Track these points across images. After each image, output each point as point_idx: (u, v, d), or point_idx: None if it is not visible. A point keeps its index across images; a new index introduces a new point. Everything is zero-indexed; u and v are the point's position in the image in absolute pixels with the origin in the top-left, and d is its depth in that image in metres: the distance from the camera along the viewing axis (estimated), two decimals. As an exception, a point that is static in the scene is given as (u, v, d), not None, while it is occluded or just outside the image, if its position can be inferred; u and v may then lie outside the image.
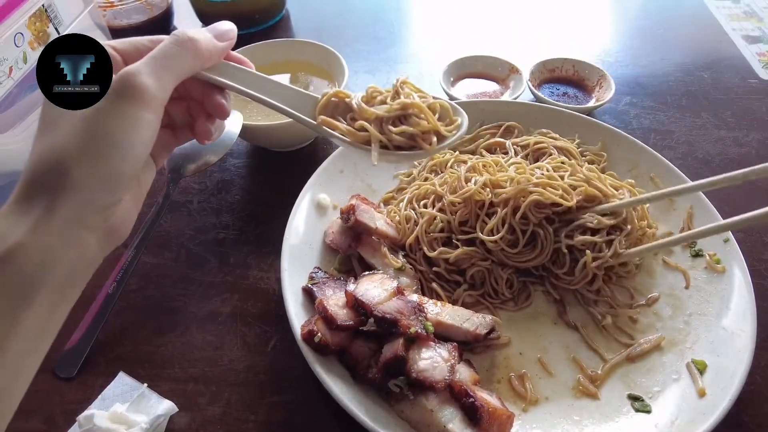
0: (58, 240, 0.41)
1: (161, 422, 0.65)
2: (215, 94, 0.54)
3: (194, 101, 0.55)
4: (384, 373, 0.63)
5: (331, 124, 0.58)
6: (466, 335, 0.69)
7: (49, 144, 0.42)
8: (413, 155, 0.60)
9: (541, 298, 0.77)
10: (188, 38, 0.48)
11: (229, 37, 0.53)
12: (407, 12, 1.49)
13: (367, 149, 0.58)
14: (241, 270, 0.83)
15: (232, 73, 0.54)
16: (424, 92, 0.62)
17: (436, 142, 0.59)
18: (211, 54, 0.50)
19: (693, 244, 0.81)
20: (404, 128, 0.58)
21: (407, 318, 0.65)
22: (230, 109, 0.55)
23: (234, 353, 0.73)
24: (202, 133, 0.55)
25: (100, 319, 0.73)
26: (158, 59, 0.45)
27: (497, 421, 0.60)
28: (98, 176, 0.42)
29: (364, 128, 0.58)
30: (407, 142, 0.59)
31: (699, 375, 0.67)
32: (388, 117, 0.59)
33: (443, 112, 0.62)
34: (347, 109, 0.60)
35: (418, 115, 0.59)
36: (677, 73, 1.20)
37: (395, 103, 0.59)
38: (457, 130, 0.61)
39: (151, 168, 0.53)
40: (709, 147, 1.03)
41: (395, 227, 0.82)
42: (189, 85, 0.52)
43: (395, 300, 0.67)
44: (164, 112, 0.46)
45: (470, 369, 0.67)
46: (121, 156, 0.43)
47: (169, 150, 0.57)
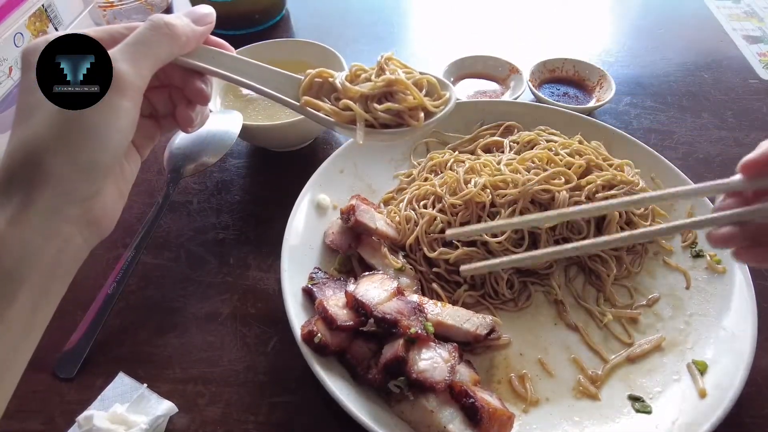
0: (37, 233, 0.40)
1: (161, 423, 0.65)
2: (195, 80, 0.53)
3: (175, 88, 0.54)
4: (384, 374, 0.63)
5: (314, 104, 0.57)
6: (466, 336, 0.69)
7: (24, 135, 0.41)
8: (400, 133, 0.58)
9: (541, 298, 0.77)
10: (164, 23, 0.46)
11: (207, 21, 0.51)
12: (408, 12, 1.49)
13: (352, 128, 0.56)
14: (241, 270, 0.83)
15: (211, 57, 0.53)
16: (411, 68, 0.60)
17: (423, 118, 0.57)
18: (189, 39, 0.49)
19: (694, 245, 0.81)
20: (389, 105, 0.56)
21: (407, 318, 0.64)
22: (210, 94, 0.54)
23: (234, 354, 0.73)
24: (184, 119, 0.54)
25: (100, 320, 0.73)
26: (134, 45, 0.44)
27: (497, 421, 0.60)
28: (75, 166, 0.41)
29: (349, 107, 0.56)
30: (394, 119, 0.57)
31: (700, 375, 0.67)
32: (372, 95, 0.57)
33: (431, 87, 0.60)
34: (332, 89, 0.59)
35: (404, 92, 0.57)
36: (678, 73, 1.20)
37: (380, 79, 0.57)
38: (445, 105, 0.59)
39: (134, 158, 0.52)
40: (710, 147, 1.03)
41: (395, 227, 0.81)
42: (169, 71, 0.51)
43: (395, 300, 0.67)
44: (146, 101, 0.45)
45: (470, 369, 0.67)
46: (98, 145, 0.42)
47: (153, 140, 0.55)
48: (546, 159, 0.81)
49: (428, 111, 0.58)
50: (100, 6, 1.10)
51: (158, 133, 0.56)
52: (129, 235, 0.81)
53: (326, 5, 1.45)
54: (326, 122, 0.57)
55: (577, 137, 0.89)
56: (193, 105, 0.54)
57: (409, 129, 0.57)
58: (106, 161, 0.43)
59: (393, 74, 0.58)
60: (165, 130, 0.56)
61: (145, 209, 0.90)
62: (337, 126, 0.57)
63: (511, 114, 0.96)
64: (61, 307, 0.46)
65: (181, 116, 0.54)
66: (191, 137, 0.86)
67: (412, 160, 0.95)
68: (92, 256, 0.48)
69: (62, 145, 0.41)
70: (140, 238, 0.78)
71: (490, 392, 0.65)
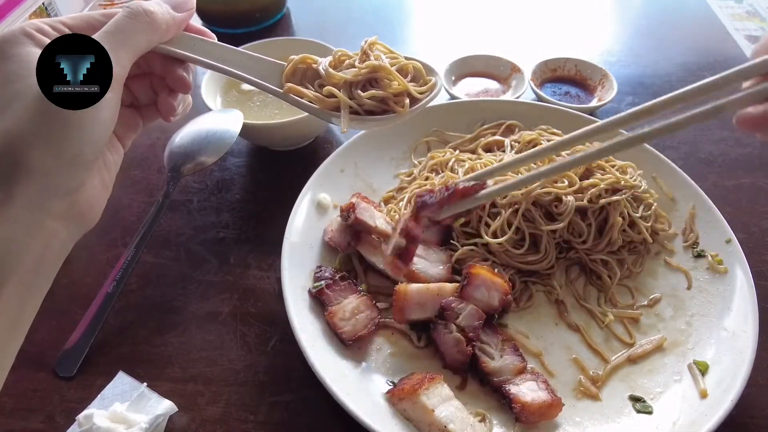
0: (20, 229, 0.40)
1: (161, 422, 0.65)
2: (176, 68, 0.52)
3: (156, 76, 0.53)
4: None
5: (297, 91, 0.56)
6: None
7: (2, 128, 0.40)
8: (385, 119, 0.57)
9: (542, 298, 0.77)
10: (143, 11, 0.45)
11: (187, 8, 0.50)
12: (409, 11, 1.48)
13: (336, 115, 0.55)
14: (241, 269, 0.83)
15: (192, 44, 0.52)
16: (396, 53, 0.60)
17: (408, 104, 0.57)
18: (169, 26, 0.48)
19: (695, 245, 0.80)
20: (374, 92, 0.55)
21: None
22: (191, 82, 0.53)
23: (234, 353, 0.73)
24: (166, 108, 0.53)
25: (100, 319, 0.73)
26: (112, 34, 0.43)
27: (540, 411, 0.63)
28: (57, 160, 0.40)
29: (333, 94, 0.55)
30: (379, 105, 0.56)
31: (701, 376, 0.67)
32: (356, 81, 0.56)
33: (416, 73, 0.59)
34: (315, 75, 0.58)
35: (388, 78, 0.56)
36: (680, 73, 1.20)
37: (363, 65, 0.56)
38: (431, 91, 0.59)
39: (117, 149, 0.51)
40: (712, 147, 1.03)
41: (395, 226, 0.81)
42: (150, 59, 0.50)
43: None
44: (127, 91, 0.44)
45: (517, 357, 0.68)
46: (79, 137, 0.41)
47: (135, 130, 0.54)
48: (547, 159, 0.80)
49: (413, 97, 0.57)
50: (101, 4, 1.10)
51: (140, 123, 0.54)
52: (129, 233, 0.81)
53: (327, 4, 1.45)
54: (310, 109, 0.56)
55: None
56: (174, 93, 0.53)
57: (394, 116, 0.57)
58: (88, 153, 0.42)
59: (377, 60, 0.57)
60: (147, 119, 0.55)
61: (145, 208, 0.90)
62: (320, 113, 0.56)
63: (513, 113, 0.96)
64: (61, 305, 0.46)
65: (162, 105, 0.53)
66: (191, 136, 0.86)
67: (413, 159, 0.94)
68: (92, 255, 0.48)
69: (44, 138, 0.40)
70: (140, 236, 0.78)
71: (535, 376, 0.66)
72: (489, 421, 0.64)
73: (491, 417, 0.65)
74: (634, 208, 0.80)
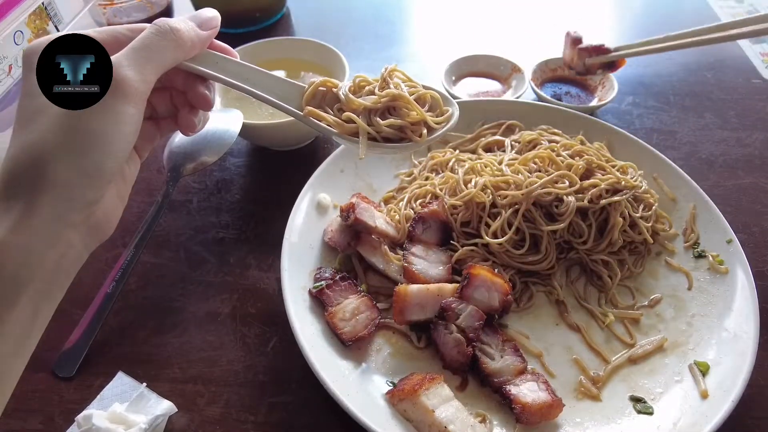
0: (40, 239, 0.40)
1: (160, 422, 0.64)
2: (198, 85, 0.52)
3: (177, 91, 0.53)
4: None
5: (317, 115, 0.57)
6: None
7: (27, 141, 0.41)
8: (402, 147, 0.58)
9: (542, 299, 0.77)
10: (170, 28, 0.46)
11: (212, 26, 0.51)
12: (409, 10, 1.48)
13: (354, 140, 0.57)
14: (241, 270, 0.83)
15: (215, 62, 0.53)
16: (414, 81, 0.61)
17: (426, 133, 0.58)
18: (194, 44, 0.49)
19: (696, 245, 0.80)
20: (392, 120, 0.57)
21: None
22: (214, 100, 0.54)
23: (233, 353, 0.73)
24: (186, 125, 0.53)
25: (99, 319, 0.73)
26: (139, 51, 0.44)
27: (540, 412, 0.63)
28: (79, 173, 0.41)
29: (352, 120, 0.56)
30: (396, 133, 0.58)
31: (701, 377, 0.66)
32: (375, 108, 0.57)
33: (434, 102, 0.60)
34: (335, 99, 0.59)
35: (407, 106, 0.58)
36: (680, 73, 1.20)
37: (383, 93, 0.58)
38: (447, 122, 0.60)
39: (135, 162, 0.52)
40: (713, 147, 1.03)
41: (395, 226, 0.81)
42: (172, 75, 0.51)
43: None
44: (147, 104, 0.45)
45: (517, 357, 0.68)
46: (102, 151, 0.42)
47: (152, 142, 0.55)
48: (548, 160, 0.80)
49: (430, 127, 0.59)
50: (100, 4, 1.09)
51: (158, 135, 0.55)
52: (128, 234, 0.81)
53: (327, 3, 1.45)
54: (328, 133, 0.57)
55: (579, 137, 0.88)
56: (195, 110, 0.54)
57: (410, 144, 0.58)
58: (110, 167, 0.43)
59: (396, 88, 0.58)
60: (164, 131, 0.55)
61: (144, 208, 0.90)
62: (338, 137, 0.57)
63: (513, 113, 0.95)
64: (60, 306, 0.46)
65: (183, 121, 0.53)
66: (191, 136, 0.86)
67: (413, 159, 0.94)
68: (92, 255, 0.48)
69: (67, 151, 0.41)
70: (140, 237, 0.78)
71: (536, 377, 0.66)
72: (489, 422, 0.64)
73: (491, 418, 0.64)
74: (635, 208, 0.80)
